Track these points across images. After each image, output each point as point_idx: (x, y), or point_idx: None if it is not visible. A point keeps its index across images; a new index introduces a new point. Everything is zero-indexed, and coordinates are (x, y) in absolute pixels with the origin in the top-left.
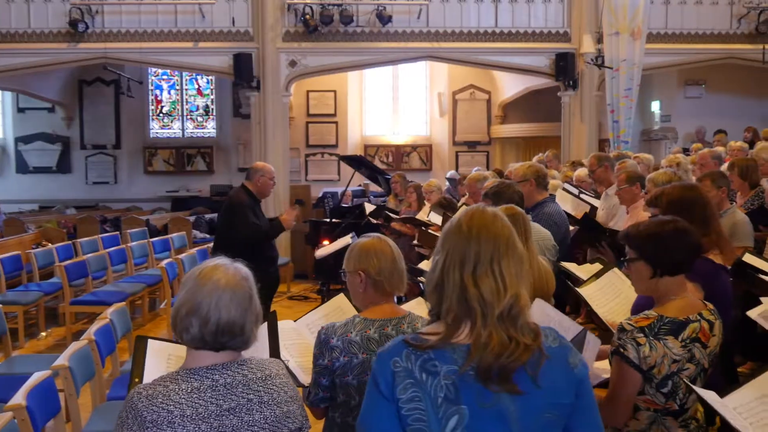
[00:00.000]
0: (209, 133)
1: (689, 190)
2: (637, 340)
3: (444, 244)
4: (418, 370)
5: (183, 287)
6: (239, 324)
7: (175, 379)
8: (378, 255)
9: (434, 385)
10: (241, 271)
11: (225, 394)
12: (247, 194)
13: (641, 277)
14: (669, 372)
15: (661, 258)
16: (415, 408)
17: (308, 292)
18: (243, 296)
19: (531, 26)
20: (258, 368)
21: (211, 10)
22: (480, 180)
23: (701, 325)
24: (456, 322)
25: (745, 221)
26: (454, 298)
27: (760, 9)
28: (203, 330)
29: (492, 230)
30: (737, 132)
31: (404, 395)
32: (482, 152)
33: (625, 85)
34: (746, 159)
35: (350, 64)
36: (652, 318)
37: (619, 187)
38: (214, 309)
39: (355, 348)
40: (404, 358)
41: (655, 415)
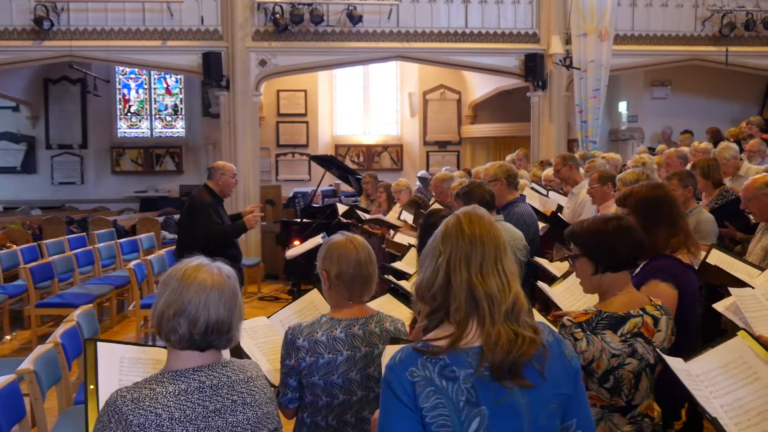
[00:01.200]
0: (178, 133)
1: (656, 189)
2: (575, 336)
3: (444, 245)
4: (438, 378)
5: (165, 288)
6: (227, 323)
7: (161, 382)
8: (340, 259)
9: (455, 390)
10: (224, 270)
11: (211, 395)
12: (210, 194)
13: (584, 273)
14: (609, 367)
15: (603, 254)
16: (440, 414)
17: (279, 293)
18: (230, 295)
19: (500, 27)
20: (240, 370)
21: (179, 8)
22: (446, 180)
23: (644, 319)
24: (465, 320)
25: (710, 220)
26: (462, 298)
27: (723, 12)
28: (192, 330)
29: (492, 233)
30: (702, 132)
31: (428, 403)
32: (453, 152)
33: (593, 86)
34: (708, 159)
35: (321, 64)
36: (591, 313)
37: (590, 186)
38: (203, 309)
39: (321, 348)
40: (420, 367)
41: (602, 411)
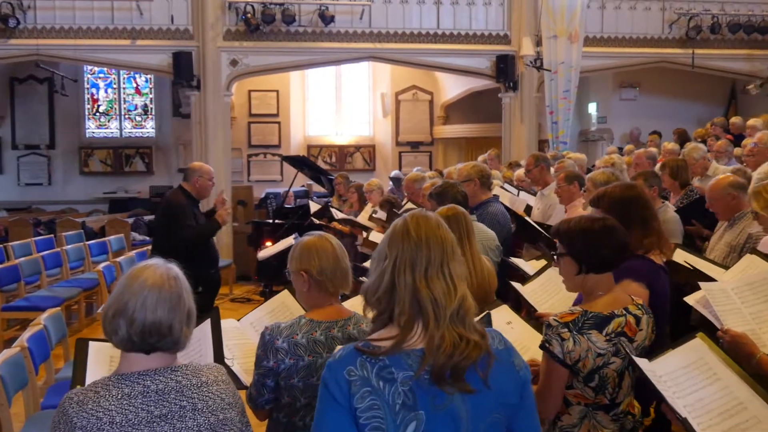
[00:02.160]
0: (148, 133)
1: (630, 190)
2: (561, 335)
3: (391, 248)
4: (375, 379)
5: (116, 289)
6: (166, 324)
7: (107, 385)
8: (319, 254)
9: (392, 392)
10: (171, 270)
11: (156, 400)
12: (185, 195)
13: (568, 272)
14: (594, 366)
15: (588, 255)
16: (374, 416)
17: (251, 294)
18: (170, 296)
19: (472, 28)
20: (193, 374)
21: (149, 7)
22: (418, 180)
23: (627, 319)
24: (409, 324)
25: (675, 219)
26: (407, 301)
27: (690, 15)
28: (130, 330)
29: (439, 235)
30: (670, 133)
31: (362, 404)
32: (425, 152)
33: (564, 87)
34: (677, 159)
35: (292, 64)
36: (577, 313)
37: (558, 186)
38: (140, 309)
39: (301, 350)
40: (359, 366)
41: (586, 409)
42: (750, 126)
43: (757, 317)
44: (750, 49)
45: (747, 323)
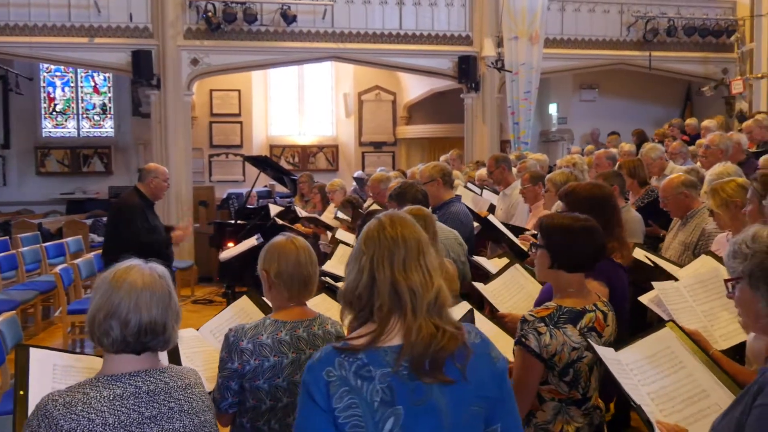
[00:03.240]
0: (107, 133)
1: (597, 189)
2: (538, 330)
3: (367, 246)
4: (353, 377)
5: (96, 292)
6: (161, 323)
7: (96, 386)
8: (280, 258)
9: (370, 390)
10: (157, 270)
11: (147, 401)
12: (139, 196)
13: (542, 264)
14: (569, 360)
15: (562, 252)
16: (353, 415)
17: (213, 296)
18: (162, 295)
19: (434, 29)
20: (178, 377)
21: (107, 4)
22: (383, 180)
23: (596, 315)
24: (387, 316)
25: (637, 219)
26: (386, 294)
27: (647, 18)
28: (125, 332)
29: (414, 232)
30: (629, 134)
31: (341, 404)
32: (388, 153)
33: (525, 88)
34: (633, 160)
35: (254, 64)
36: (552, 308)
37: (522, 186)
38: (134, 310)
39: (267, 351)
40: (337, 366)
41: (559, 405)
42: (704, 127)
43: (708, 314)
44: (705, 52)
45: (699, 320)
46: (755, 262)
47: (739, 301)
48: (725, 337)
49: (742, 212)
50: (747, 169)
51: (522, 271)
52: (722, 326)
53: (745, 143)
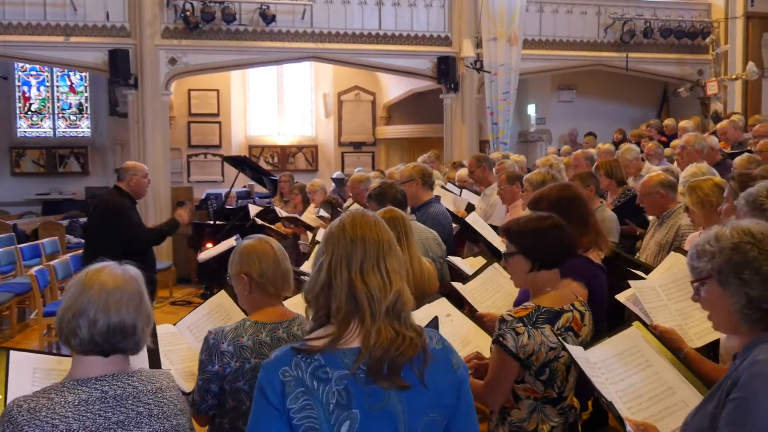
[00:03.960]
0: (83, 133)
1: (567, 190)
2: (516, 330)
3: (327, 246)
4: (309, 378)
5: (67, 292)
6: (130, 324)
7: (61, 391)
8: (260, 257)
9: (326, 391)
10: (129, 271)
11: (114, 406)
12: (123, 196)
13: (520, 270)
14: (546, 359)
15: (540, 252)
16: (307, 416)
17: (192, 297)
18: (132, 296)
19: (414, 30)
20: (148, 380)
21: (83, 3)
22: (363, 181)
23: (574, 315)
24: (345, 320)
25: (612, 218)
26: (343, 297)
27: (624, 20)
28: (92, 331)
29: (375, 232)
30: (606, 134)
31: (295, 405)
32: (368, 153)
33: (503, 89)
34: (609, 160)
35: (233, 63)
36: (530, 308)
37: (500, 187)
38: (103, 310)
39: (247, 353)
40: (294, 367)
41: (535, 403)
42: (681, 128)
43: (683, 313)
44: (680, 54)
45: (674, 319)
46: (723, 259)
47: (707, 302)
48: (699, 335)
49: (716, 212)
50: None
51: (501, 270)
52: (696, 324)
53: (716, 145)
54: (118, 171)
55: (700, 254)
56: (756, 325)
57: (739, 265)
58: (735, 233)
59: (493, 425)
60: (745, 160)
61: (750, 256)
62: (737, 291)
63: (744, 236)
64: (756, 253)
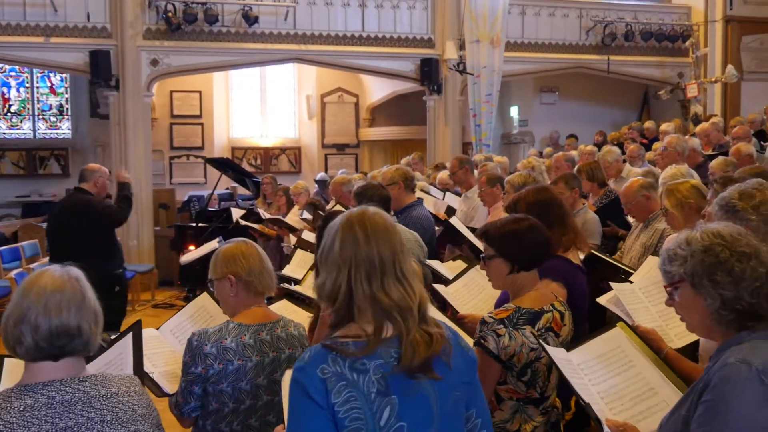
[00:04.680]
0: (64, 134)
1: (543, 193)
2: (497, 332)
3: (343, 255)
4: (349, 372)
5: (11, 300)
6: (74, 325)
7: (8, 397)
8: (245, 256)
9: (366, 382)
10: (70, 272)
11: (62, 412)
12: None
13: (499, 273)
14: (528, 360)
15: (519, 254)
16: (352, 408)
17: (174, 300)
18: (73, 296)
19: (397, 32)
20: (103, 385)
21: (64, 3)
22: (345, 183)
23: (554, 315)
24: (378, 330)
25: (594, 220)
26: (370, 312)
27: (605, 23)
28: (36, 337)
29: (389, 241)
30: (588, 136)
31: (339, 398)
32: (351, 155)
33: (486, 91)
34: (590, 162)
35: (215, 65)
36: (511, 310)
37: (481, 189)
38: (43, 313)
39: (231, 355)
40: (331, 363)
41: (517, 404)
42: (662, 131)
43: (663, 314)
44: (661, 57)
45: (654, 320)
46: (695, 262)
47: (681, 306)
48: (680, 336)
49: (696, 213)
50: (703, 172)
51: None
52: (677, 325)
53: (699, 147)
54: (81, 173)
55: (671, 258)
56: (730, 327)
57: (712, 267)
58: (705, 236)
59: None
60: (722, 162)
61: (722, 258)
62: (711, 293)
63: (714, 239)
64: (727, 255)
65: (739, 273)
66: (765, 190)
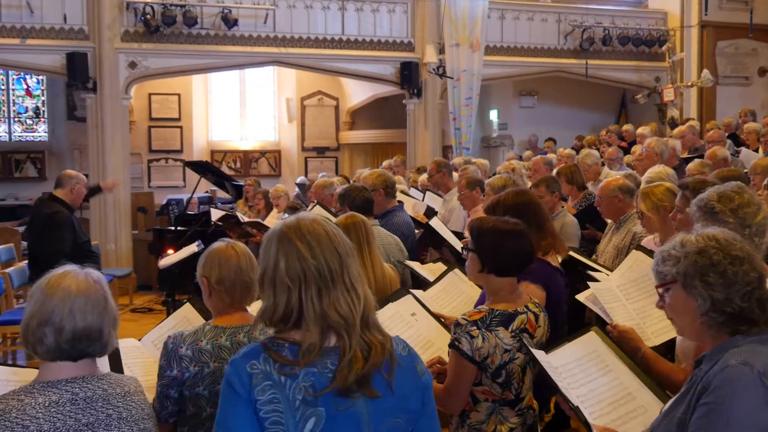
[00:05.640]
0: (40, 137)
1: (522, 195)
2: (471, 333)
3: (290, 272)
4: (277, 373)
5: (30, 299)
6: (96, 329)
7: (31, 393)
8: (221, 264)
9: (293, 387)
10: (92, 275)
11: (84, 408)
12: (62, 204)
13: (472, 268)
14: (502, 362)
15: (492, 257)
16: (274, 410)
17: (153, 304)
18: (97, 300)
19: (377, 35)
20: (117, 384)
21: (40, 5)
22: (327, 186)
23: (528, 316)
24: (321, 341)
25: (573, 223)
26: (317, 328)
27: (583, 27)
28: (59, 339)
29: (327, 238)
30: (567, 139)
31: (263, 397)
32: (331, 158)
33: (466, 95)
34: (569, 166)
35: (194, 68)
36: (484, 311)
37: (460, 192)
38: (68, 316)
39: (206, 357)
40: (262, 361)
41: (493, 405)
42: (639, 134)
43: (641, 312)
44: (638, 61)
45: (632, 318)
46: (688, 263)
47: (671, 308)
48: (657, 334)
49: (670, 216)
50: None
51: (461, 275)
52: (654, 323)
53: (679, 149)
54: (58, 178)
55: (665, 259)
56: (721, 329)
57: (705, 268)
58: (701, 239)
59: (453, 428)
60: (698, 164)
61: (715, 260)
62: (702, 294)
63: (709, 241)
64: (720, 257)
65: (731, 276)
66: (744, 193)
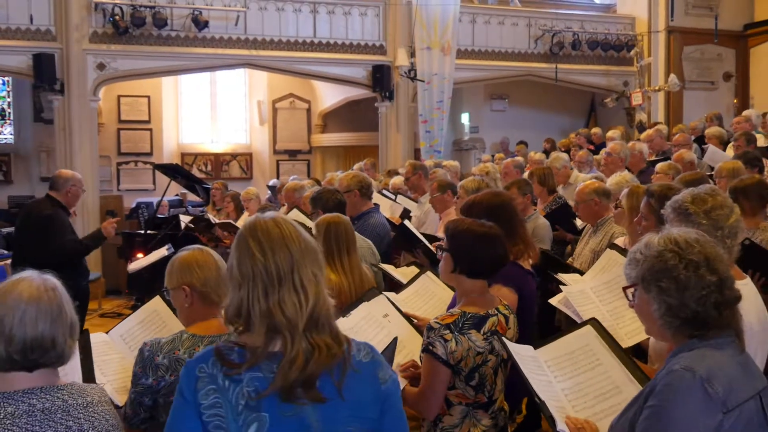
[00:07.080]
0: (6, 140)
1: (498, 197)
2: (444, 337)
3: (242, 276)
4: (222, 377)
5: None
6: (49, 338)
7: None
8: (201, 266)
9: (236, 392)
10: (48, 282)
11: (42, 420)
12: (56, 205)
13: (446, 267)
14: (474, 364)
15: (465, 258)
16: (215, 415)
17: (122, 309)
18: (50, 308)
19: (348, 38)
20: (79, 394)
21: (6, 4)
22: (297, 189)
23: (499, 318)
24: (266, 344)
25: (545, 225)
26: (263, 328)
27: (553, 32)
28: (9, 349)
29: (281, 238)
30: (537, 142)
31: (206, 401)
32: (303, 161)
33: (437, 98)
34: (543, 168)
35: (164, 69)
36: (456, 315)
37: (431, 195)
38: (18, 325)
39: None
40: (211, 364)
41: (467, 409)
42: (608, 137)
43: (614, 314)
44: (606, 66)
45: (605, 320)
46: (646, 267)
47: (637, 308)
48: (630, 335)
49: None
50: (646, 177)
51: (433, 278)
52: (627, 324)
53: (646, 152)
54: (53, 179)
55: (630, 261)
56: (679, 333)
57: (659, 273)
58: (662, 241)
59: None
60: (666, 166)
61: (669, 265)
62: (657, 298)
63: (669, 244)
64: (676, 262)
65: (684, 281)
66: (717, 195)
